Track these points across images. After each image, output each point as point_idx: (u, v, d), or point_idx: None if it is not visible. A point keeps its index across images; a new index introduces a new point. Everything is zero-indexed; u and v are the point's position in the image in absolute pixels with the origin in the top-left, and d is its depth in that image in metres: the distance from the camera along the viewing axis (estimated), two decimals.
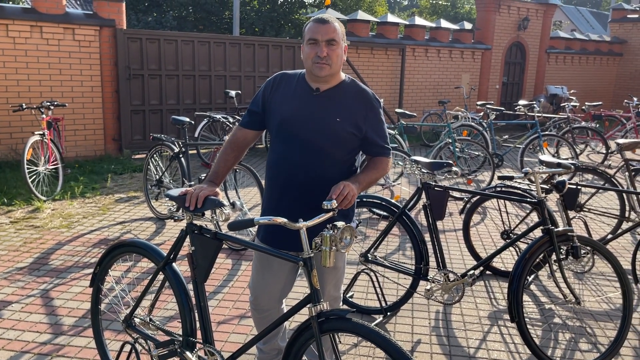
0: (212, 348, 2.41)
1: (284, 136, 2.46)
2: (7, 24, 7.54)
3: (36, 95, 7.91)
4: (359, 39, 11.21)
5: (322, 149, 2.42)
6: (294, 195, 2.48)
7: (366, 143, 2.50)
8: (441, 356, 3.22)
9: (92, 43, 8.28)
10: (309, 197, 2.45)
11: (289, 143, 2.45)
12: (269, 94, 2.51)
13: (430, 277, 3.48)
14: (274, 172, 2.52)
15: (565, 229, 3.09)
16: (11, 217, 5.59)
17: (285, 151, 2.46)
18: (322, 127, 2.40)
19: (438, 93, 13.06)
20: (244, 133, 2.59)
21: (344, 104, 2.43)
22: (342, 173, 2.50)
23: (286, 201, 2.50)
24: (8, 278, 4.12)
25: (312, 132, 2.41)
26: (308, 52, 2.35)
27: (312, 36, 2.33)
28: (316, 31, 2.33)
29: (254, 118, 2.56)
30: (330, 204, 2.20)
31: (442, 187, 3.42)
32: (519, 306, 2.99)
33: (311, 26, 2.36)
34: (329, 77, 2.39)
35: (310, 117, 2.41)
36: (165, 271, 2.57)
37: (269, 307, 2.65)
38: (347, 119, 2.42)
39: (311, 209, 2.40)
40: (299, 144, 2.42)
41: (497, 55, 13.86)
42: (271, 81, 2.53)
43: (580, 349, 3.33)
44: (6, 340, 3.24)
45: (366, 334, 1.98)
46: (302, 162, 2.44)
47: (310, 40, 2.34)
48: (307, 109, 2.42)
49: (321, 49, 2.32)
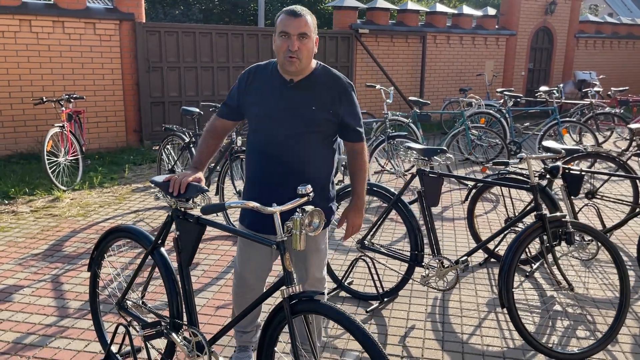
0: (195, 330, 2.48)
1: (264, 128, 2.52)
2: (30, 20, 7.78)
3: (59, 88, 8.14)
4: (378, 27, 11.13)
5: (302, 137, 2.48)
6: (276, 182, 2.54)
7: (343, 128, 2.56)
8: (433, 341, 3.23)
9: (112, 37, 8.46)
10: (291, 184, 2.48)
11: (269, 135, 2.51)
12: (244, 88, 2.56)
13: (424, 264, 3.49)
14: (256, 162, 2.57)
15: (558, 215, 3.05)
16: (32, 206, 5.80)
17: (266, 142, 2.52)
18: (300, 117, 2.46)
19: (461, 81, 12.89)
20: (222, 123, 2.67)
21: (319, 92, 2.48)
22: (322, 158, 2.57)
23: (269, 189, 2.55)
24: (22, 264, 4.29)
25: (290, 123, 2.46)
26: (280, 45, 2.37)
27: (284, 29, 2.35)
28: (288, 24, 2.34)
29: (230, 110, 2.64)
30: (304, 189, 2.24)
31: (436, 174, 3.41)
32: (509, 292, 2.97)
33: (283, 18, 2.37)
34: (298, 70, 2.42)
35: (288, 108, 2.46)
36: (154, 255, 2.65)
37: (254, 285, 2.73)
38: (322, 106, 2.47)
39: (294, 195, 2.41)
40: (278, 135, 2.48)
41: (523, 41, 13.57)
42: (245, 75, 2.57)
43: (577, 336, 3.29)
44: (14, 322, 3.40)
45: (334, 316, 2.01)
46: (283, 151, 2.49)
47: (282, 33, 2.36)
48: (284, 100, 2.47)
49: (292, 42, 2.34)
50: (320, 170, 2.57)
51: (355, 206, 2.68)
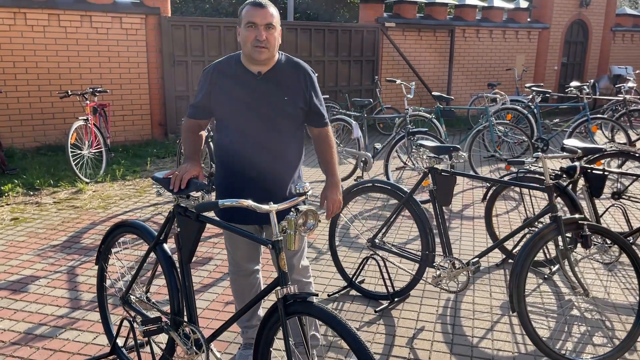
0: (194, 327, 2.47)
1: (238, 123, 2.53)
2: (59, 14, 7.92)
3: (86, 82, 8.28)
4: (405, 20, 10.97)
5: (276, 128, 2.52)
6: (252, 175, 2.56)
7: (311, 115, 2.62)
8: (442, 344, 3.15)
9: (138, 31, 8.55)
10: (270, 174, 2.57)
11: (243, 129, 2.53)
12: (209, 88, 2.54)
13: (435, 264, 3.41)
14: (231, 157, 2.57)
15: (574, 217, 2.93)
16: (55, 197, 5.92)
17: (241, 137, 2.53)
18: (273, 109, 2.50)
19: (490, 75, 12.62)
20: (197, 122, 2.68)
21: (287, 82, 2.52)
22: (296, 145, 2.64)
23: (245, 182, 2.58)
24: (41, 255, 4.38)
25: (264, 116, 2.50)
26: (247, 35, 2.40)
27: (251, 19, 2.38)
28: (255, 15, 2.38)
29: (199, 111, 2.63)
30: (302, 188, 2.19)
31: (448, 172, 3.32)
32: (520, 297, 2.87)
33: (249, 9, 2.40)
34: (267, 59, 2.45)
35: (260, 101, 2.50)
36: (156, 251, 2.65)
37: (248, 268, 2.79)
38: (293, 95, 2.52)
39: (272, 187, 2.57)
40: (254, 128, 2.51)
41: (556, 35, 13.19)
42: (208, 75, 2.56)
43: (593, 343, 3.17)
44: (27, 313, 3.46)
45: (325, 319, 1.97)
46: (260, 144, 2.53)
47: (248, 23, 2.39)
48: (255, 94, 2.50)
49: (260, 32, 2.37)
50: (295, 158, 2.63)
51: (331, 184, 2.69)
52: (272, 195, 2.51)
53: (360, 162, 6.31)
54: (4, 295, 3.68)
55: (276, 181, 2.57)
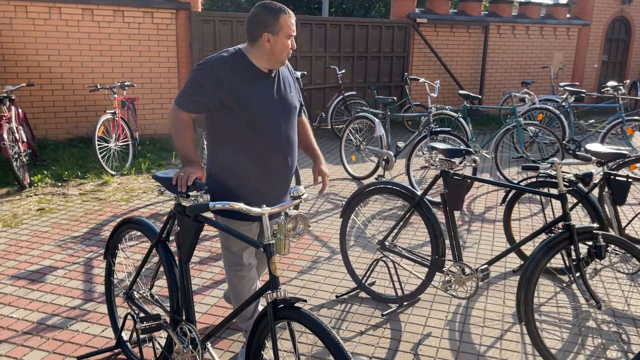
0: (190, 326, 2.48)
1: (255, 126, 2.59)
2: (92, 9, 8.09)
3: (118, 75, 8.44)
4: (437, 16, 10.78)
5: (290, 123, 2.72)
6: (277, 172, 2.72)
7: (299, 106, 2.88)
8: (447, 351, 3.09)
9: (169, 26, 8.66)
10: (288, 170, 2.78)
11: (262, 132, 2.61)
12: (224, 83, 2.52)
13: (445, 270, 3.33)
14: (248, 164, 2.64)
15: (588, 226, 2.82)
16: (81, 189, 6.06)
17: (259, 142, 2.62)
18: (287, 105, 2.69)
19: (526, 73, 12.30)
20: (190, 116, 2.67)
21: (287, 79, 2.76)
22: (297, 137, 2.86)
23: (269, 180, 2.71)
24: (61, 245, 4.49)
25: (280, 115, 2.64)
26: (286, 45, 2.56)
27: (292, 32, 2.56)
28: (293, 27, 2.56)
29: (199, 106, 2.61)
30: (297, 191, 2.17)
31: (460, 176, 3.24)
32: (528, 306, 2.78)
33: (287, 19, 2.53)
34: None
35: (276, 97, 2.66)
36: (158, 249, 2.68)
37: (247, 261, 2.83)
38: (294, 91, 2.79)
39: (287, 182, 2.81)
40: (271, 131, 2.63)
41: (597, 32, 12.75)
42: (221, 70, 2.53)
43: (607, 356, 3.05)
44: (42, 303, 3.55)
45: (310, 326, 1.95)
46: (278, 148, 2.66)
47: (289, 35, 2.56)
48: (271, 90, 2.64)
49: (293, 42, 2.59)
50: (297, 149, 2.85)
51: (319, 160, 2.93)
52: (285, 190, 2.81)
53: (382, 160, 6.24)
54: (22, 285, 3.79)
55: (289, 175, 2.80)
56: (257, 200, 2.66)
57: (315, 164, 2.92)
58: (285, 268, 4.15)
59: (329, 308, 3.56)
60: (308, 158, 7.63)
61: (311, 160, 2.96)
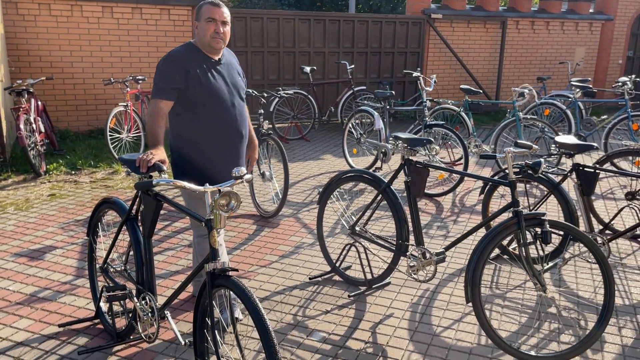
0: (150, 295, 2.71)
1: (212, 105, 2.94)
2: (112, 7, 8.45)
3: (136, 70, 8.80)
4: (453, 12, 10.79)
5: (239, 106, 3.11)
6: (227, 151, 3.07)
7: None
8: (404, 331, 3.24)
9: (185, 22, 8.97)
10: (242, 141, 3.16)
11: (218, 109, 2.97)
12: (185, 72, 2.89)
13: (408, 254, 3.48)
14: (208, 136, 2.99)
15: (535, 212, 2.92)
16: (93, 177, 6.40)
17: (216, 117, 2.97)
18: (236, 86, 3.09)
19: (546, 69, 12.17)
20: (167, 104, 2.94)
21: (234, 66, 3.15)
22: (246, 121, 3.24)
23: (225, 151, 3.06)
24: (64, 227, 4.80)
25: (231, 95, 3.01)
26: (207, 28, 2.90)
27: (211, 15, 2.89)
28: (214, 12, 2.92)
29: (174, 93, 2.92)
30: (239, 172, 2.37)
31: (422, 164, 3.37)
32: (475, 287, 2.90)
33: (208, 8, 2.91)
34: (221, 49, 3.02)
35: (227, 82, 3.01)
36: (127, 225, 2.91)
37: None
38: (241, 77, 3.18)
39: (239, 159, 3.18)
40: (225, 108, 2.99)
41: (621, 27, 12.50)
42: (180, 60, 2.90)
43: (560, 340, 3.14)
44: (37, 278, 3.85)
45: (238, 292, 2.14)
46: (232, 122, 3.04)
47: (209, 19, 2.88)
48: (222, 76, 2.99)
49: (219, 26, 2.94)
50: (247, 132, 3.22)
51: (254, 145, 3.44)
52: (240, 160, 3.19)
53: (380, 153, 6.37)
54: (22, 262, 4.10)
55: (241, 154, 3.16)
56: (216, 170, 3.05)
57: (250, 146, 3.43)
58: (269, 252, 4.35)
59: (302, 289, 3.75)
60: (298, 153, 7.84)
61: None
